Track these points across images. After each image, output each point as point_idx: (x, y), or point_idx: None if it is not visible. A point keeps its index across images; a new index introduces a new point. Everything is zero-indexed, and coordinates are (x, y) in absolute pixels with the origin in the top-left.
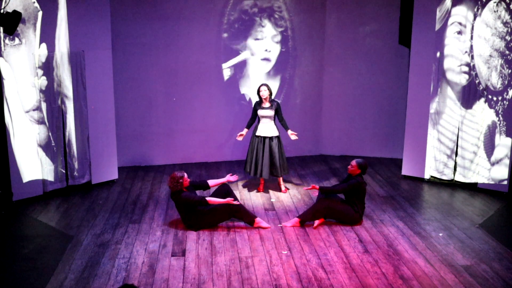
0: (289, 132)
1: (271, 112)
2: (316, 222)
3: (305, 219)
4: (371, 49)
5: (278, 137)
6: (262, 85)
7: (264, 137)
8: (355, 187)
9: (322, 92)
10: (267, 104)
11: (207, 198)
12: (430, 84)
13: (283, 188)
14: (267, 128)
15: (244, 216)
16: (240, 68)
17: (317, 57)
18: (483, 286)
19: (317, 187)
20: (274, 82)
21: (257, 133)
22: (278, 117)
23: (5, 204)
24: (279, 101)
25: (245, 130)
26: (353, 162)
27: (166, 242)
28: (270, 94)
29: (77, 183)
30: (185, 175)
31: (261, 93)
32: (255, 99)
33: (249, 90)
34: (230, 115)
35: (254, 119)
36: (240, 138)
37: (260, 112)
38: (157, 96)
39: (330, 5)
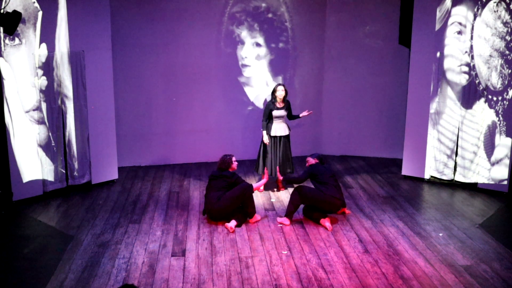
0: (302, 114)
1: (285, 113)
2: (325, 224)
3: (289, 212)
4: (371, 49)
5: (289, 135)
6: (279, 85)
7: (278, 137)
8: (309, 171)
9: (322, 92)
10: (281, 104)
11: (253, 185)
12: (430, 84)
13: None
14: (281, 127)
15: (250, 206)
16: (240, 67)
17: (317, 57)
18: (483, 286)
19: (281, 178)
20: (274, 82)
21: (273, 133)
22: (289, 114)
23: (5, 204)
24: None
25: (265, 132)
26: (307, 159)
27: (166, 242)
28: (286, 94)
29: (77, 183)
30: (234, 158)
31: (278, 93)
32: (255, 98)
33: (249, 89)
34: (230, 115)
35: (267, 120)
36: (268, 142)
37: (275, 113)
38: (157, 96)
39: (330, 5)
